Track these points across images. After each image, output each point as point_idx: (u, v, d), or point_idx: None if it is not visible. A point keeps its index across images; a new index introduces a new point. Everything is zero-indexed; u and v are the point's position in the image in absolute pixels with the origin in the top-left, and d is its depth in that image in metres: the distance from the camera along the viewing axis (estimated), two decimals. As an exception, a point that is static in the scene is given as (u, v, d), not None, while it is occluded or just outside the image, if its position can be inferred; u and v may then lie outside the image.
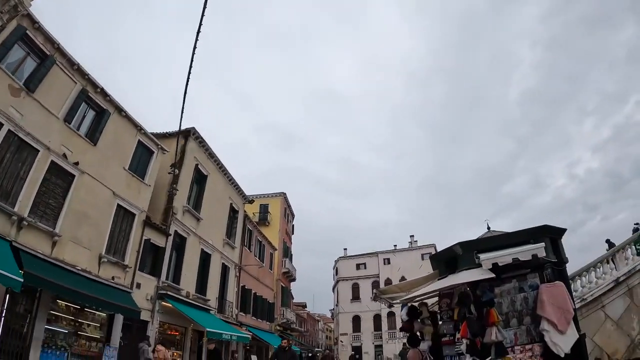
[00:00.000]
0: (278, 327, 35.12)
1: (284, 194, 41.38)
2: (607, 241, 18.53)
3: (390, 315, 49.49)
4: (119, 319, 14.33)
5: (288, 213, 44.07)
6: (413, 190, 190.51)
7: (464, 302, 6.56)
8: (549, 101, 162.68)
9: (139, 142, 16.85)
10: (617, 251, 13.84)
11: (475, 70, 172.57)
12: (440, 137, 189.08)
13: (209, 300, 21.23)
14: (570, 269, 9.27)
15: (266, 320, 32.08)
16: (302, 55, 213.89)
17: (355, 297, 53.03)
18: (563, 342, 5.88)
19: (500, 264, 6.23)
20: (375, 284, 49.52)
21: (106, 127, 14.94)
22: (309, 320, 67.08)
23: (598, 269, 13.71)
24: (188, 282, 19.49)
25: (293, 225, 46.79)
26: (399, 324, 47.79)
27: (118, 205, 15.23)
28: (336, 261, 58.02)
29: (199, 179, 21.96)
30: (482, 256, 6.41)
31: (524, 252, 6.24)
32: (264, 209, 38.52)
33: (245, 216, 28.43)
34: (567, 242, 7.28)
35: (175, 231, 18.88)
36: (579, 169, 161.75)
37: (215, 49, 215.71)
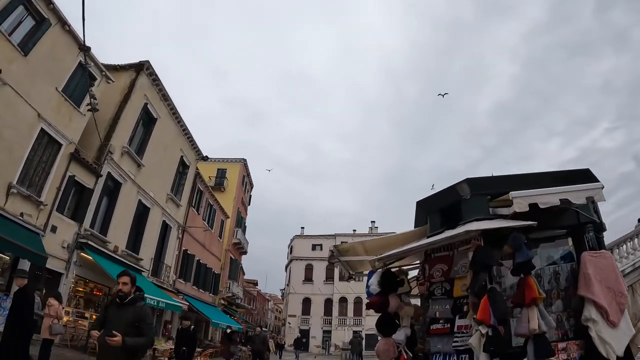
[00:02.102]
0: (222, 301, 32.76)
1: (245, 160, 38.69)
2: None
3: (342, 300, 47.95)
4: (25, 266, 11.91)
5: (247, 182, 41.45)
6: (373, 184, 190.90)
7: (485, 264, 3.96)
8: (519, 116, 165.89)
9: (80, 64, 14.25)
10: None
11: (451, 76, 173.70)
12: (407, 136, 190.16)
13: (142, 260, 18.60)
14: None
15: (210, 292, 29.52)
16: (281, 33, 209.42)
17: (308, 278, 51.02)
18: (615, 340, 3.75)
19: (541, 206, 3.98)
20: (330, 267, 47.43)
21: (43, 39, 12.76)
22: (259, 299, 65.12)
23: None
24: (118, 235, 16.82)
25: (250, 196, 44.24)
26: (350, 311, 46.90)
27: (42, 130, 12.98)
28: (292, 239, 55.61)
29: (147, 121, 19.14)
30: (514, 193, 4.06)
31: (576, 193, 4.06)
32: (222, 174, 35.92)
33: (197, 174, 25.65)
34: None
35: (109, 173, 16.14)
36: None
37: (192, 13, 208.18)
